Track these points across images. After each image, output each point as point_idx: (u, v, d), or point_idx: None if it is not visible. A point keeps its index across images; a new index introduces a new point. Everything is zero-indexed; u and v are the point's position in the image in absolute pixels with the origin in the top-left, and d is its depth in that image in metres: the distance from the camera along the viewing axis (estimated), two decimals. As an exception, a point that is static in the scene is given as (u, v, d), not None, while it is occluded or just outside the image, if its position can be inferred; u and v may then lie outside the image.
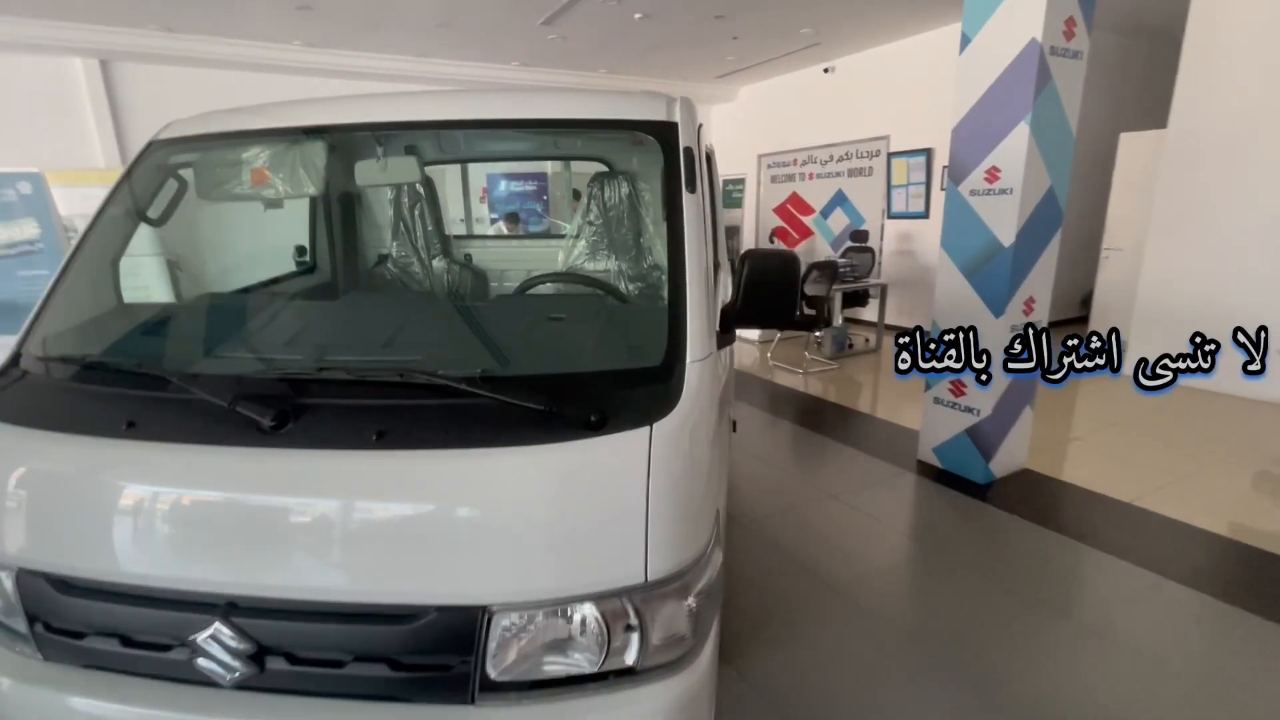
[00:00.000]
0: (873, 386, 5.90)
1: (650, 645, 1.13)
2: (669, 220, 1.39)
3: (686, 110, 1.58)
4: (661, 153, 1.47)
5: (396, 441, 1.09)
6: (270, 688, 1.11)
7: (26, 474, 1.19)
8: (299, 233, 2.36)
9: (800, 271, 1.49)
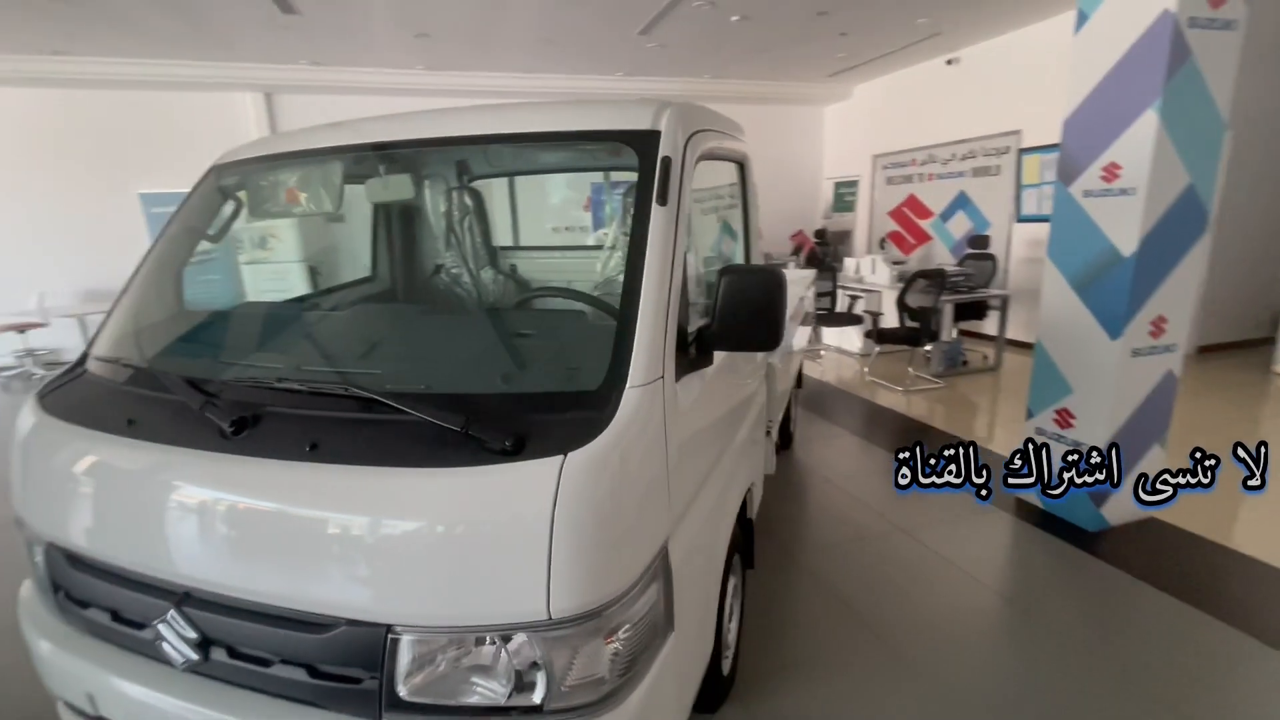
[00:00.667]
0: (980, 409, 5.30)
1: (559, 685, 1.07)
2: (633, 234, 1.31)
3: (679, 118, 1.49)
4: (638, 163, 1.40)
5: (326, 455, 1.12)
6: (213, 675, 1.19)
7: (51, 461, 1.37)
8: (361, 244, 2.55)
9: (783, 290, 1.35)
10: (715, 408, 1.59)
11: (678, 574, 1.29)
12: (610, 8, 5.76)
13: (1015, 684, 2.14)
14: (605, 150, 1.50)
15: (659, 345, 1.22)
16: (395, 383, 1.28)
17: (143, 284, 1.72)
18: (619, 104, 1.54)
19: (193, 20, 5.62)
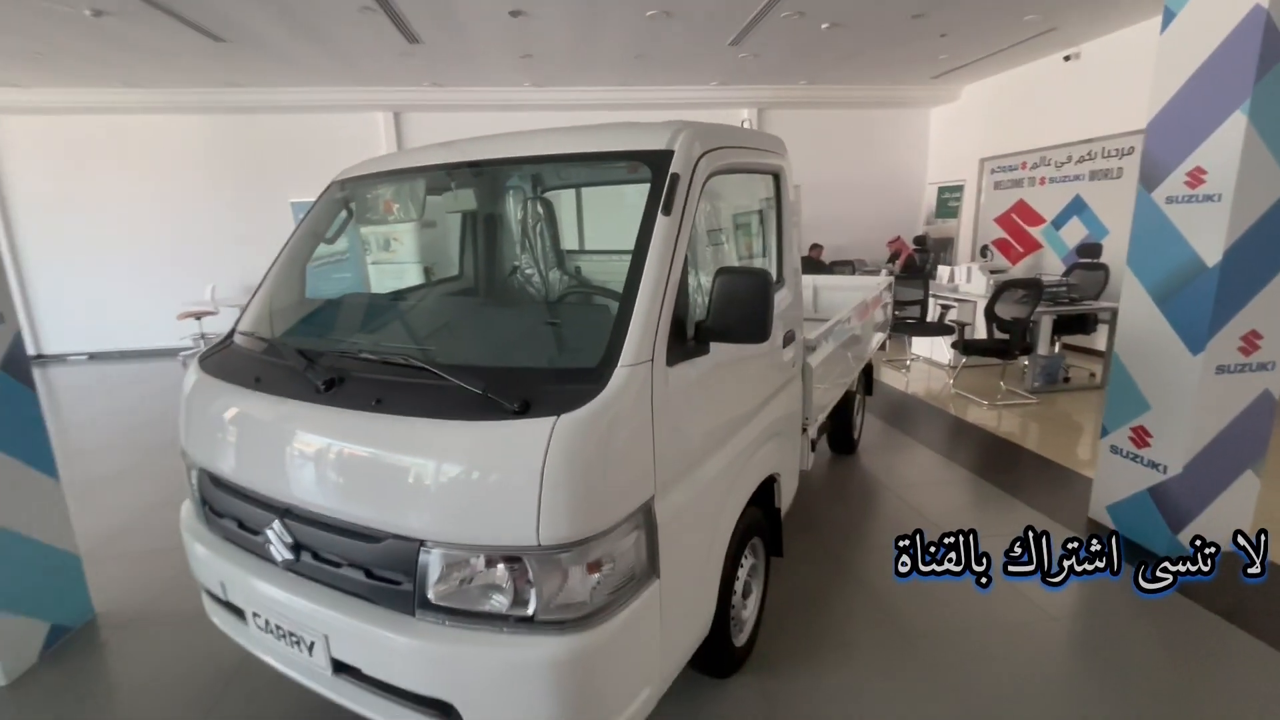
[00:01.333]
0: (1071, 428, 4.97)
1: (546, 600, 1.32)
2: (639, 238, 1.55)
3: (692, 139, 1.71)
4: (652, 178, 1.64)
5: (386, 408, 1.45)
6: (301, 573, 1.56)
7: (204, 407, 1.82)
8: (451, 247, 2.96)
9: (769, 290, 1.51)
10: (719, 394, 1.78)
11: (664, 531, 1.51)
12: (699, 22, 5.99)
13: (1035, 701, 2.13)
14: (628, 167, 1.74)
15: (650, 333, 1.44)
16: (442, 357, 1.59)
17: (274, 277, 2.17)
18: (644, 127, 1.78)
19: (335, 53, 6.50)
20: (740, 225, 2.38)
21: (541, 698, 1.32)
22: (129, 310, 8.60)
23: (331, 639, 1.49)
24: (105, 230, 8.47)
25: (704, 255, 2.10)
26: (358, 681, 1.50)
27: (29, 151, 8.20)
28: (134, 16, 5.25)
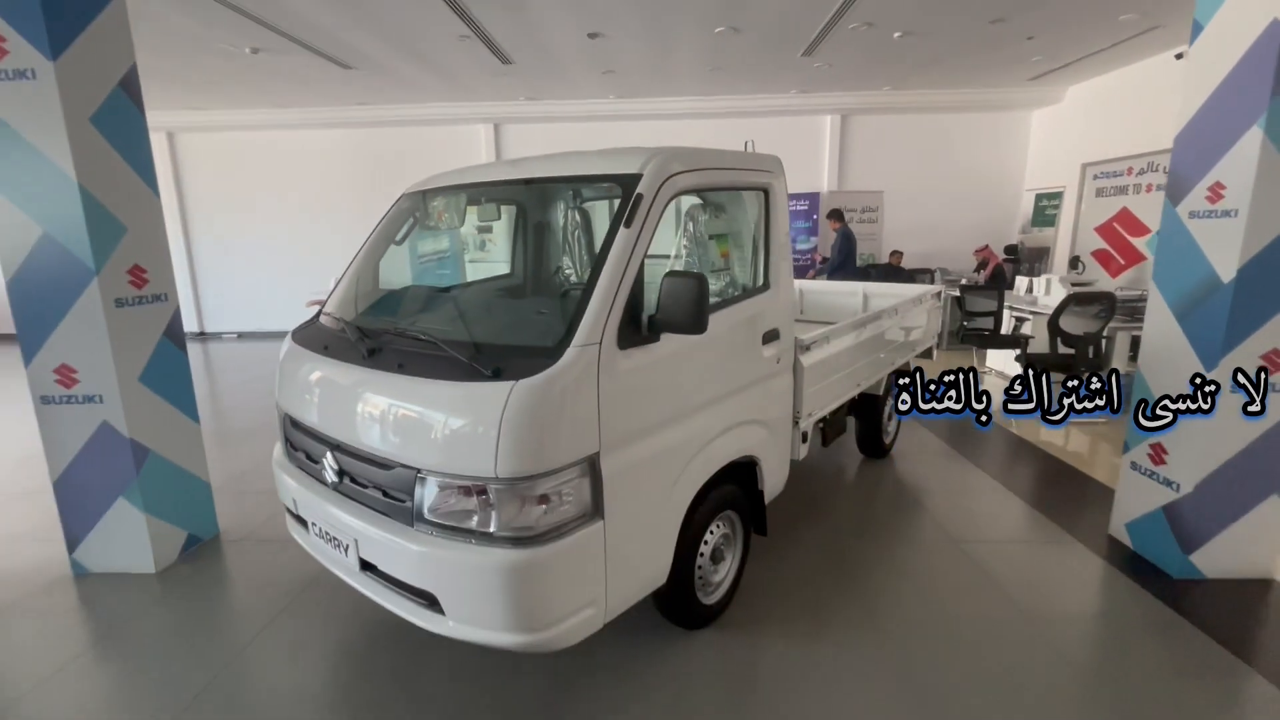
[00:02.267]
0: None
1: (504, 521, 1.73)
2: (603, 244, 1.92)
3: (661, 164, 2.06)
4: (622, 196, 2.00)
5: (406, 370, 1.92)
6: (344, 493, 2.08)
7: (292, 368, 2.39)
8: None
9: (704, 290, 1.81)
10: (674, 377, 2.10)
11: (609, 483, 1.87)
12: (768, 36, 6.21)
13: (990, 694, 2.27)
14: (608, 186, 2.11)
15: (600, 322, 1.81)
16: (449, 334, 2.05)
17: (354, 270, 2.74)
18: (626, 152, 2.15)
19: (441, 73, 7.34)
20: (732, 234, 2.68)
21: (495, 595, 1.74)
22: (272, 297, 10.06)
23: (360, 543, 1.99)
24: (256, 228, 9.97)
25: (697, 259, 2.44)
26: (375, 576, 1.99)
27: (202, 162, 9.84)
28: (283, 52, 6.30)
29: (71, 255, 2.72)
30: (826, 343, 3.07)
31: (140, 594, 2.89)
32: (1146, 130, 7.40)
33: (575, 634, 1.88)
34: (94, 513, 2.99)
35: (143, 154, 2.97)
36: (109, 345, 2.81)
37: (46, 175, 2.66)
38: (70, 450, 2.92)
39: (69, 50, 2.62)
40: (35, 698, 2.25)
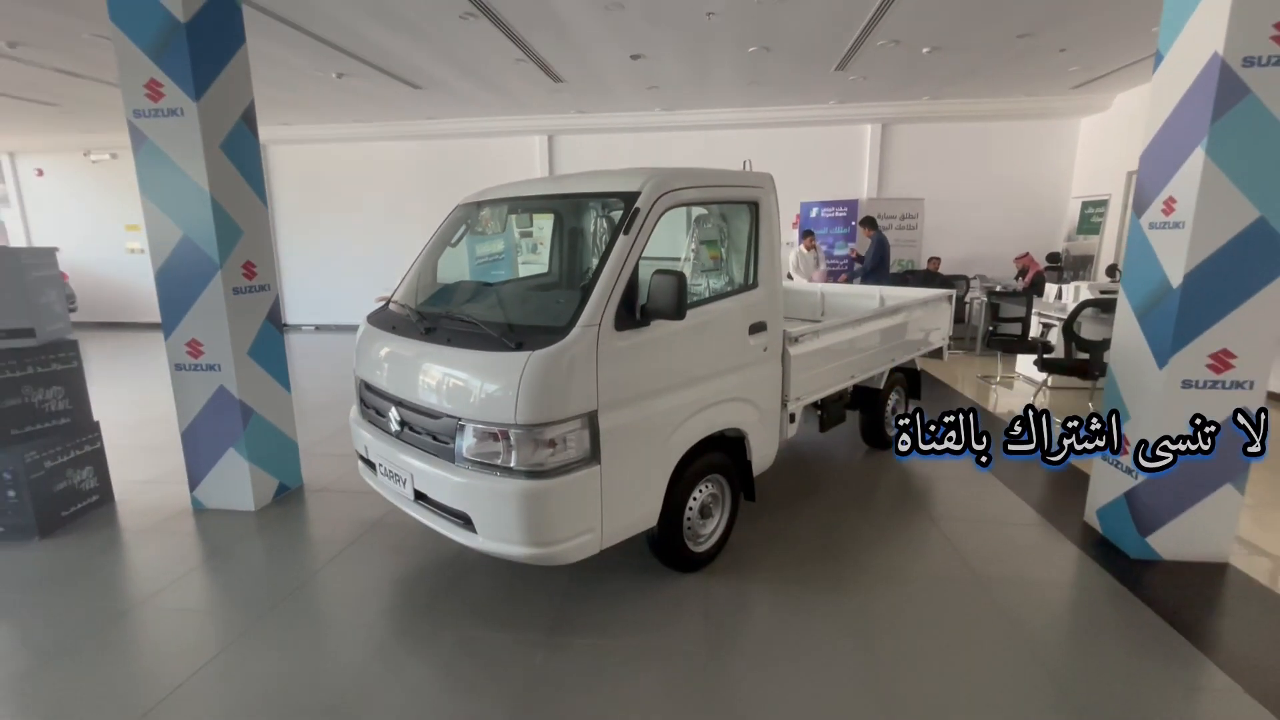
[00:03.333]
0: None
1: (521, 459, 2.27)
2: (605, 248, 2.44)
3: (655, 185, 2.56)
4: (624, 209, 2.52)
5: (452, 342, 2.49)
6: (403, 439, 2.67)
7: (367, 344, 3.01)
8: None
9: (683, 285, 2.30)
10: (662, 357, 2.58)
11: (605, 435, 2.37)
12: (800, 54, 6.59)
13: (933, 638, 2.65)
14: (615, 201, 2.62)
15: (599, 309, 2.32)
16: (487, 316, 2.60)
17: (415, 268, 3.35)
18: (631, 173, 2.67)
19: (500, 91, 8.05)
20: (722, 240, 3.15)
21: (513, 516, 2.27)
22: (346, 293, 11.06)
23: (415, 477, 2.57)
24: (334, 231, 11.02)
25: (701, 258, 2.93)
26: (426, 504, 2.57)
27: (289, 171, 10.96)
28: (363, 75, 7.14)
29: (202, 253, 3.45)
30: (815, 337, 3.49)
31: (242, 526, 3.59)
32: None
33: (576, 553, 2.40)
34: (210, 459, 3.72)
35: (256, 171, 3.69)
36: (227, 325, 3.53)
37: (188, 190, 3.39)
38: (195, 408, 3.66)
39: (207, 93, 3.35)
40: (168, 592, 2.94)
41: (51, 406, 3.55)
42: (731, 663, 2.40)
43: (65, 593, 2.93)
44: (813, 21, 5.60)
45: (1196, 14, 2.78)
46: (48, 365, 3.52)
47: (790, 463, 4.47)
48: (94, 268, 11.68)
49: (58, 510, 3.52)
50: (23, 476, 3.33)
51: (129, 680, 2.34)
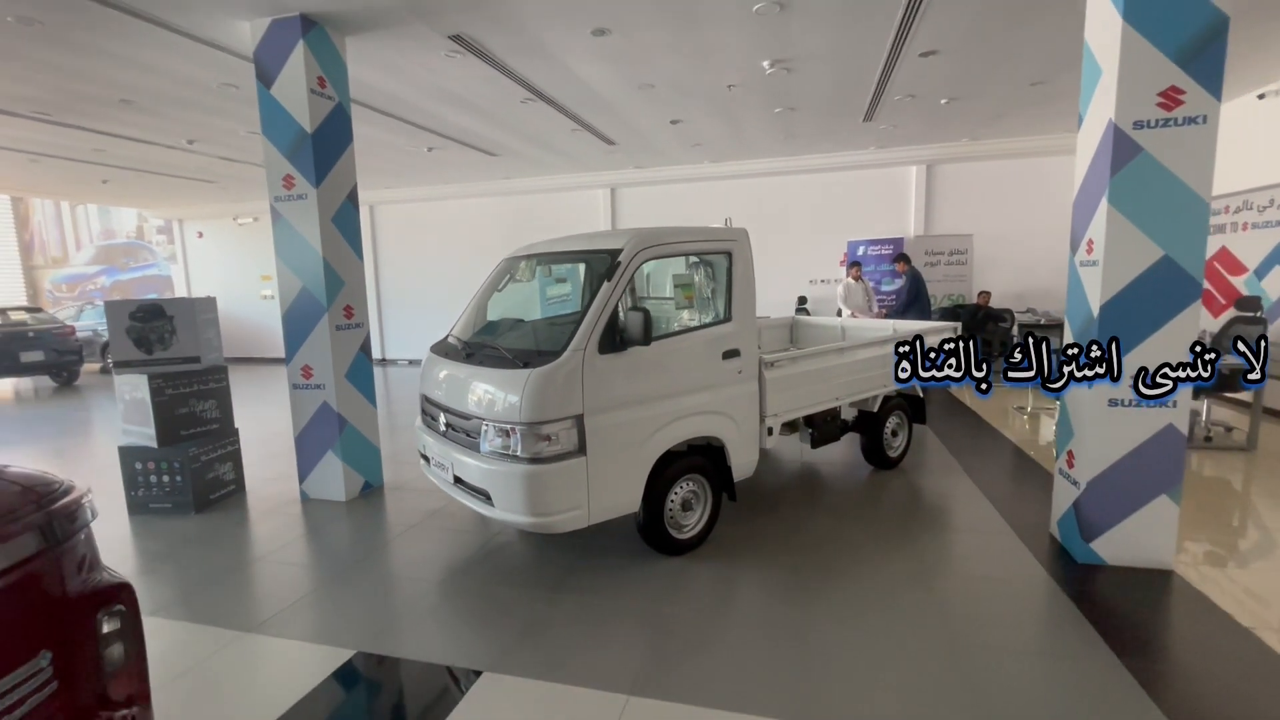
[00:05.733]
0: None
1: (524, 449, 3.04)
2: (593, 291, 3.23)
3: (635, 243, 3.34)
4: (610, 262, 3.31)
5: (483, 363, 3.34)
6: (448, 438, 3.53)
7: (427, 366, 3.92)
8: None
9: (647, 319, 3.01)
10: (639, 375, 3.28)
11: (591, 434, 3.11)
12: (824, 111, 7.25)
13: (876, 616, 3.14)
14: (604, 256, 3.41)
15: (585, 338, 3.10)
16: (509, 344, 3.44)
17: (470, 308, 4.28)
18: (617, 233, 3.47)
19: (564, 154, 9.22)
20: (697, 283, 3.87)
21: (519, 491, 3.04)
22: (438, 331, 12.48)
23: (454, 465, 3.41)
24: (426, 276, 12.59)
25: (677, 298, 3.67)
26: (460, 486, 3.40)
27: (390, 226, 12.71)
28: (448, 148, 8.50)
29: (315, 299, 4.56)
30: (792, 363, 4.08)
31: (334, 512, 4.58)
32: (1241, 168, 7.27)
33: (568, 524, 3.13)
34: (314, 459, 4.77)
35: (356, 236, 4.81)
36: (330, 354, 4.60)
37: (307, 253, 4.53)
38: (305, 418, 4.74)
39: (324, 182, 4.50)
40: (279, 552, 3.92)
41: (208, 415, 4.74)
42: (692, 619, 3.01)
43: (213, 548, 3.98)
44: (824, 85, 6.27)
45: (1100, 83, 3.25)
46: (207, 384, 4.73)
47: (794, 475, 4.98)
48: (234, 311, 13.90)
49: (207, 494, 4.67)
50: (186, 467, 4.49)
51: (254, 600, 3.28)
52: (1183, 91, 3.03)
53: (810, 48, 5.24)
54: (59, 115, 6.48)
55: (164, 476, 4.50)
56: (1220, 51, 3.00)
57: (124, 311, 4.44)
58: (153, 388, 4.40)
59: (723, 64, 5.59)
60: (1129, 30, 3.05)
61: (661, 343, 3.41)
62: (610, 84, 6.02)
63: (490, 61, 5.30)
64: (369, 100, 6.29)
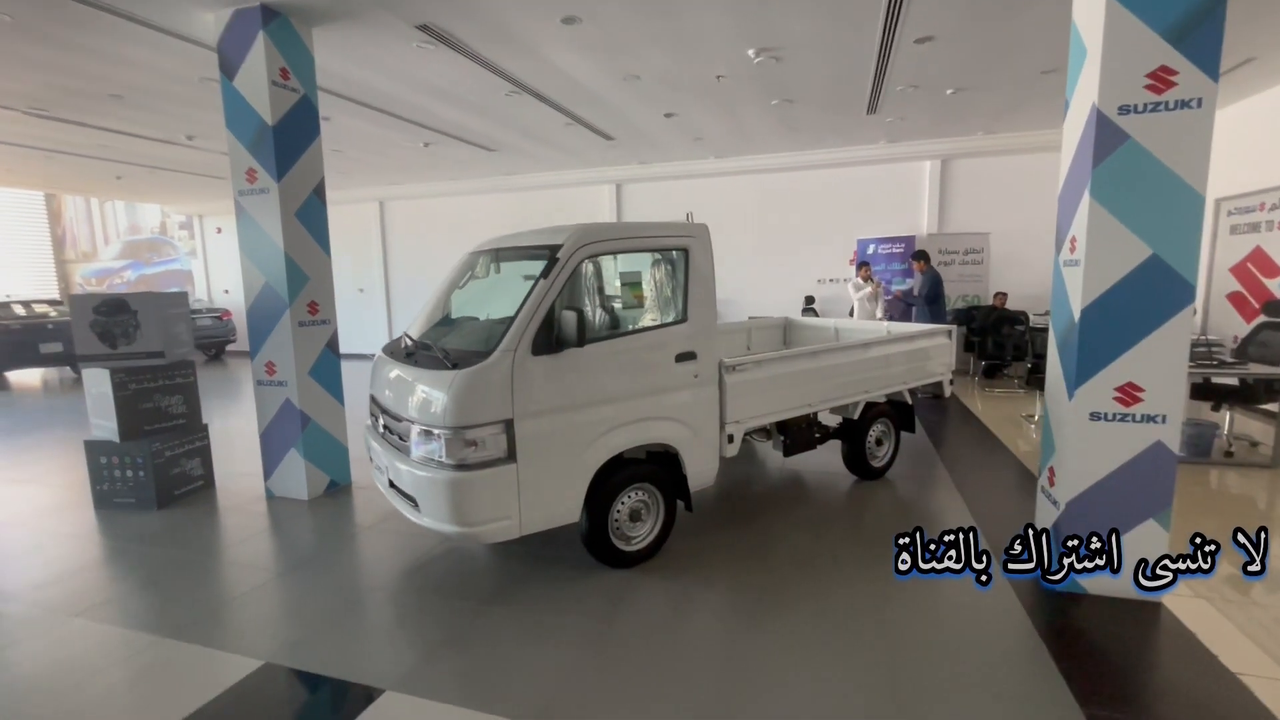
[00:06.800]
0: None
1: (449, 455, 2.89)
2: (529, 290, 3.05)
3: (575, 240, 3.15)
4: (549, 259, 3.13)
5: (419, 363, 3.20)
6: (387, 439, 3.40)
7: (375, 365, 3.81)
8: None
9: (581, 321, 2.83)
10: (579, 377, 3.10)
11: (521, 440, 2.94)
12: (823, 103, 6.95)
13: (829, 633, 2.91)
14: (545, 252, 3.23)
15: (517, 337, 2.93)
16: (448, 343, 3.29)
17: (427, 306, 4.16)
18: (559, 229, 3.28)
19: (562, 149, 9.08)
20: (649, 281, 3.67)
21: (443, 498, 2.89)
22: (440, 328, 12.55)
23: (389, 469, 3.28)
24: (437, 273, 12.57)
25: (625, 297, 3.48)
26: (394, 491, 3.27)
27: (400, 223, 12.76)
28: (444, 143, 8.43)
29: (277, 294, 4.49)
30: (757, 367, 3.85)
31: (295, 510, 4.51)
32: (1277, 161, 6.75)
33: (496, 535, 2.97)
34: (277, 457, 4.72)
35: (323, 231, 4.73)
36: (292, 351, 4.53)
37: (269, 247, 4.47)
38: (268, 415, 4.68)
39: (287, 175, 4.43)
40: (263, 536, 3.89)
41: (173, 410, 4.72)
42: (627, 639, 2.82)
43: (162, 547, 3.93)
44: (819, 75, 5.99)
45: (1085, 67, 2.96)
46: (172, 379, 4.71)
47: (772, 484, 4.75)
48: (251, 306, 14.13)
49: (172, 489, 4.65)
50: (149, 462, 4.46)
51: (183, 604, 3.20)
52: (1174, 72, 2.72)
53: (795, 35, 4.98)
54: (55, 111, 6.58)
55: (127, 471, 4.49)
56: (1217, 27, 2.68)
57: (87, 305, 4.44)
58: (115, 382, 4.39)
59: (707, 54, 5.37)
60: (1114, 4, 2.75)
61: (603, 344, 3.22)
62: (593, 75, 5.84)
63: (464, 52, 5.17)
64: (351, 94, 6.23)
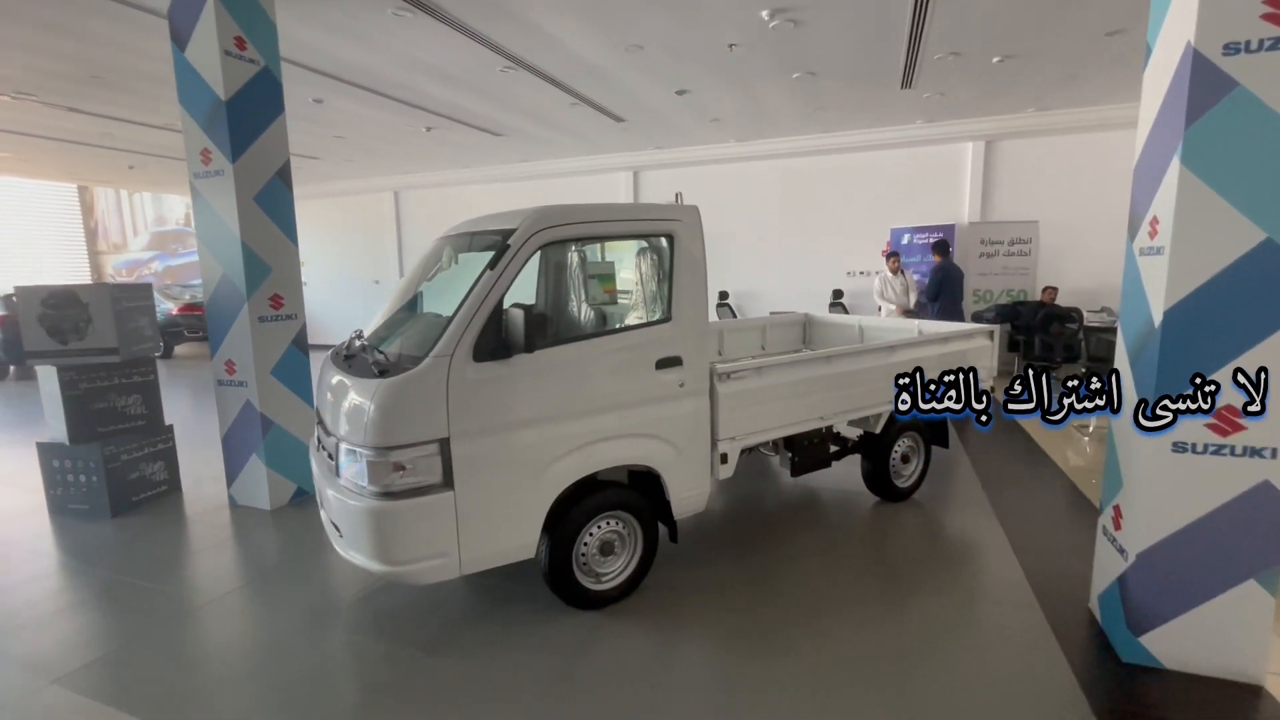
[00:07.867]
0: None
1: (374, 480, 2.42)
2: (473, 284, 2.55)
3: (532, 223, 2.64)
4: (500, 246, 2.62)
5: (352, 370, 2.73)
6: (318, 457, 2.95)
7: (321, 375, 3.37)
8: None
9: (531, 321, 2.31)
10: (531, 388, 2.60)
11: (459, 463, 2.45)
12: (852, 75, 6.26)
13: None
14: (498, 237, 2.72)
15: (454, 340, 2.43)
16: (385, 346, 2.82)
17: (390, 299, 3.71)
18: (519, 213, 2.76)
19: (571, 133, 8.56)
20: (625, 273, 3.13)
21: (364, 531, 2.43)
22: (453, 321, 12.25)
23: (321, 491, 2.84)
24: (446, 265, 12.28)
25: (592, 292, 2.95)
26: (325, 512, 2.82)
27: (415, 212, 12.47)
28: (448, 127, 8.00)
29: (235, 287, 4.11)
30: (757, 374, 3.28)
31: (255, 522, 4.14)
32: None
33: (429, 575, 2.50)
34: (240, 463, 4.35)
35: (289, 218, 4.33)
36: (252, 348, 4.14)
37: (225, 235, 4.07)
38: (229, 418, 4.32)
39: (243, 156, 4.02)
40: (206, 554, 3.55)
41: (131, 411, 4.39)
42: (583, 701, 2.32)
43: (97, 564, 3.58)
44: (844, 41, 5.32)
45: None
46: (130, 377, 4.38)
47: (782, 503, 4.18)
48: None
49: (129, 495, 4.33)
50: (101, 466, 4.14)
51: (84, 641, 2.82)
52: (1302, -4, 2.05)
53: (815, -10, 4.35)
54: (42, 95, 6.36)
55: (80, 476, 4.18)
56: (1368, -69, 2.00)
57: (35, 298, 4.12)
58: (63, 380, 4.07)
59: (715, 17, 4.77)
60: (1221, -92, 2.09)
61: (563, 349, 2.71)
62: (591, 46, 5.30)
63: (446, 20, 4.68)
64: (333, 70, 5.83)
